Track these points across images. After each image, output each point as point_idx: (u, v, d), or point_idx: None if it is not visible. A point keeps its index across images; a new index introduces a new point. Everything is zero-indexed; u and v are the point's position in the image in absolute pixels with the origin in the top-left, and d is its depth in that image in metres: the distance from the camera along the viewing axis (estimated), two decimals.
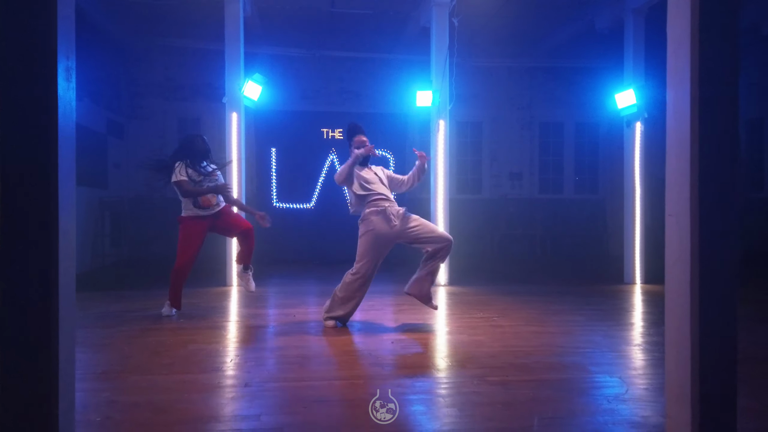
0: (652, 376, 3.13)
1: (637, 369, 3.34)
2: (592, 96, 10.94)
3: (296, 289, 6.47)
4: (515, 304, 5.47)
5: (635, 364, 3.45)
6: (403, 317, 4.80)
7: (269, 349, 3.69)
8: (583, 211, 11.03)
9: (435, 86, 6.55)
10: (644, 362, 3.47)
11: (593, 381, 3.10)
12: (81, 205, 8.13)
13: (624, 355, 3.67)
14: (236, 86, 6.45)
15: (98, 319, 4.68)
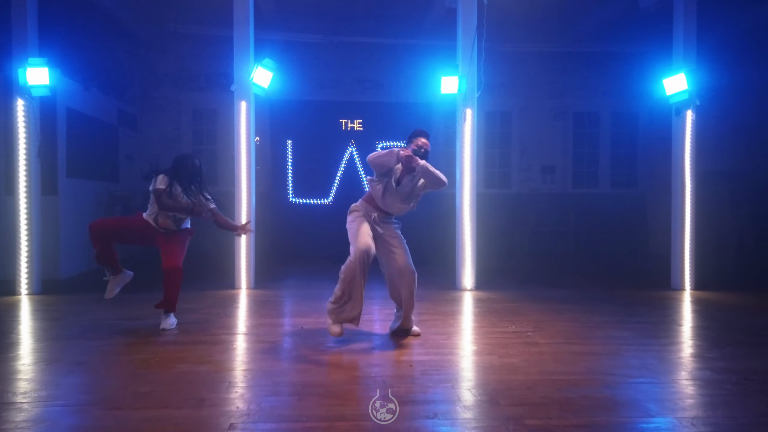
0: (729, 419, 2.53)
1: (708, 407, 2.73)
2: (631, 83, 10.18)
3: (310, 293, 5.96)
4: (551, 315, 4.87)
5: (704, 400, 2.83)
6: (423, 329, 4.25)
7: (266, 374, 3.19)
8: (620, 206, 10.29)
9: (461, 72, 5.94)
10: (715, 397, 2.85)
11: (656, 427, 2.51)
12: (90, 199, 7.78)
13: (688, 387, 3.05)
14: (245, 73, 5.95)
15: (86, 330, 4.25)
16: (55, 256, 6.81)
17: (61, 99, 6.93)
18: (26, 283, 5.74)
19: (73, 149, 7.22)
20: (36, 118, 5.77)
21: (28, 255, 5.76)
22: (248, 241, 6.06)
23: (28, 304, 5.30)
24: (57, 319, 4.64)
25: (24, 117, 5.68)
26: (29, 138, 5.72)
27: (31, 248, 5.77)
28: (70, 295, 5.77)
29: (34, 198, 5.79)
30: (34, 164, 5.79)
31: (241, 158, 6.07)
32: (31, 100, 5.68)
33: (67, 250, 7.02)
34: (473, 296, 5.81)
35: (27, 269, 5.75)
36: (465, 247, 6.11)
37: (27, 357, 3.51)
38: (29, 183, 5.74)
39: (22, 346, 3.79)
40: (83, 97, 7.57)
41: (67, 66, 7.05)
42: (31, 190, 5.76)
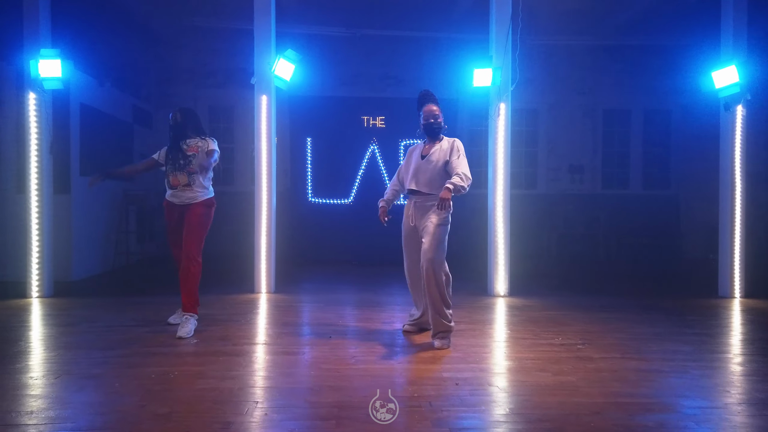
0: None
1: None
2: (664, 79, 9.76)
3: (333, 299, 5.64)
4: (596, 324, 4.49)
5: None
6: (461, 340, 3.90)
7: (298, 392, 2.86)
8: (652, 208, 9.86)
9: (495, 63, 5.58)
10: None
11: None
12: (104, 199, 7.53)
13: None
14: (266, 65, 5.64)
15: (100, 336, 3.95)
16: (66, 258, 6.56)
17: (75, 94, 6.68)
18: (37, 286, 5.47)
19: (87, 146, 6.97)
20: (48, 113, 5.51)
21: (39, 256, 5.49)
22: (269, 244, 5.75)
23: (38, 308, 5.03)
24: (68, 324, 4.35)
25: (36, 111, 5.41)
26: (41, 133, 5.45)
27: (43, 249, 5.51)
28: (82, 299, 5.49)
29: (45, 196, 5.52)
30: (46, 161, 5.53)
31: (261, 156, 5.75)
32: (43, 93, 5.41)
33: (79, 251, 6.76)
34: (507, 303, 5.44)
35: (38, 271, 5.48)
36: (498, 250, 5.75)
37: (35, 369, 3.21)
38: (41, 180, 5.47)
39: (31, 355, 3.50)
40: (97, 93, 7.32)
41: (81, 60, 6.80)
42: (42, 188, 5.49)
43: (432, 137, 3.99)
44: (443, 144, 3.95)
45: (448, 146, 3.91)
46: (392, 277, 7.12)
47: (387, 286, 6.49)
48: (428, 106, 3.96)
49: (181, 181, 4.15)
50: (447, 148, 3.90)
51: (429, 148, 3.98)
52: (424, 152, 3.96)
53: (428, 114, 3.95)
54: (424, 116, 3.96)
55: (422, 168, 3.88)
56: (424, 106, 3.99)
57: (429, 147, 3.98)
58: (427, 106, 3.97)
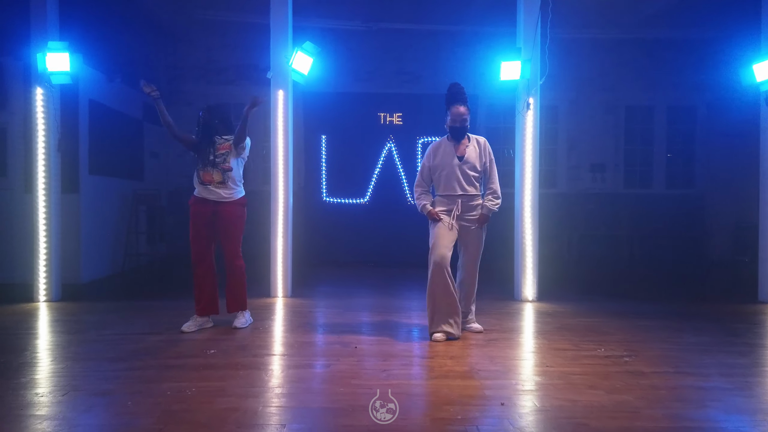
0: None
1: None
2: (689, 74, 9.41)
3: (352, 304, 5.38)
4: (637, 333, 4.20)
5: None
6: (495, 351, 3.62)
7: (328, 413, 2.60)
8: (676, 208, 9.52)
9: (524, 56, 5.29)
10: None
11: None
12: (114, 198, 7.31)
13: None
14: (283, 58, 5.38)
15: (111, 345, 3.71)
16: (75, 259, 6.34)
17: (84, 90, 6.46)
18: (44, 289, 5.25)
19: (96, 144, 6.74)
20: (56, 109, 5.27)
21: (46, 258, 5.26)
22: (285, 246, 5.49)
23: (46, 314, 4.80)
24: (76, 332, 4.12)
25: (43, 107, 5.18)
26: (48, 130, 5.22)
27: (50, 251, 5.28)
28: (92, 303, 5.26)
29: (53, 196, 5.29)
30: (54, 159, 5.29)
31: (278, 154, 5.50)
32: (50, 88, 5.18)
33: (89, 252, 6.53)
34: (537, 309, 5.16)
35: (45, 274, 5.25)
36: (526, 253, 5.46)
37: (41, 384, 2.97)
38: (48, 179, 5.25)
39: (37, 368, 3.26)
40: (107, 89, 7.09)
41: (90, 55, 6.56)
42: (50, 187, 5.26)
43: (458, 138, 4.00)
44: (473, 144, 4.00)
45: (480, 147, 3.99)
46: (411, 279, 6.86)
47: (406, 289, 6.23)
48: (456, 108, 3.92)
49: (215, 178, 4.12)
50: (480, 150, 3.99)
51: (461, 148, 3.97)
52: (459, 153, 3.97)
53: (456, 116, 3.93)
54: (452, 118, 3.94)
55: (463, 171, 3.94)
56: (452, 106, 3.94)
57: (460, 147, 3.99)
58: (456, 107, 3.93)
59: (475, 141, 4.02)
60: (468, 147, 3.97)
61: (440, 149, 3.99)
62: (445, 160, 3.95)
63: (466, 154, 3.95)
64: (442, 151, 3.98)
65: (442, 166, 3.96)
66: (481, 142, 4.03)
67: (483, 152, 3.98)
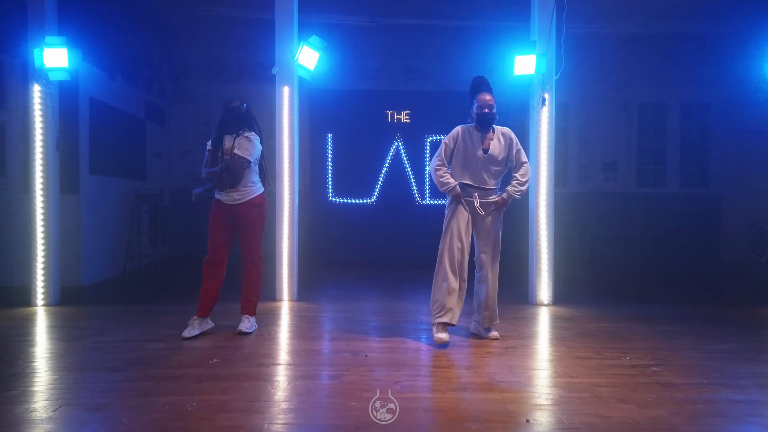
0: None
1: None
2: (704, 70, 9.18)
3: (360, 308, 5.18)
4: (662, 340, 3.99)
5: None
6: (512, 360, 3.42)
7: (342, 430, 2.40)
8: (690, 207, 9.28)
9: (539, 49, 5.08)
10: None
11: None
12: (115, 199, 7.14)
13: None
14: (288, 53, 5.19)
15: (108, 354, 3.52)
16: (76, 262, 6.17)
17: (84, 88, 6.29)
18: (42, 293, 5.07)
19: (97, 143, 6.57)
20: (55, 106, 5.10)
21: (44, 261, 5.09)
22: (291, 248, 5.30)
23: (43, 319, 4.62)
24: (73, 339, 3.94)
25: (41, 104, 5.01)
26: (46, 128, 5.05)
27: (49, 253, 5.10)
28: (91, 307, 5.08)
29: (51, 196, 5.11)
30: (52, 158, 5.12)
31: (284, 153, 5.31)
32: (48, 85, 5.01)
33: (89, 254, 6.36)
34: (552, 313, 4.95)
35: (44, 277, 5.08)
36: (541, 255, 5.26)
37: (33, 397, 2.78)
38: (46, 179, 5.07)
39: (30, 379, 3.07)
40: (108, 87, 6.92)
41: (90, 52, 6.40)
42: (48, 187, 5.08)
43: (484, 128, 3.81)
44: (497, 136, 3.83)
45: (505, 140, 3.84)
46: (418, 282, 6.66)
47: (415, 291, 6.03)
48: (483, 95, 3.81)
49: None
50: (506, 142, 3.84)
51: (486, 140, 3.81)
52: (484, 146, 3.82)
53: (483, 103, 3.78)
54: (479, 105, 3.79)
55: (485, 165, 3.82)
56: (478, 94, 3.84)
57: (485, 139, 3.81)
58: (482, 94, 3.81)
59: (500, 133, 3.88)
60: (493, 140, 3.83)
61: (467, 135, 3.85)
62: (468, 149, 3.81)
63: (490, 147, 3.81)
64: (468, 138, 3.83)
65: (465, 154, 3.82)
66: (506, 134, 3.88)
67: (507, 145, 3.85)
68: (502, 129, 3.90)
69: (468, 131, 3.86)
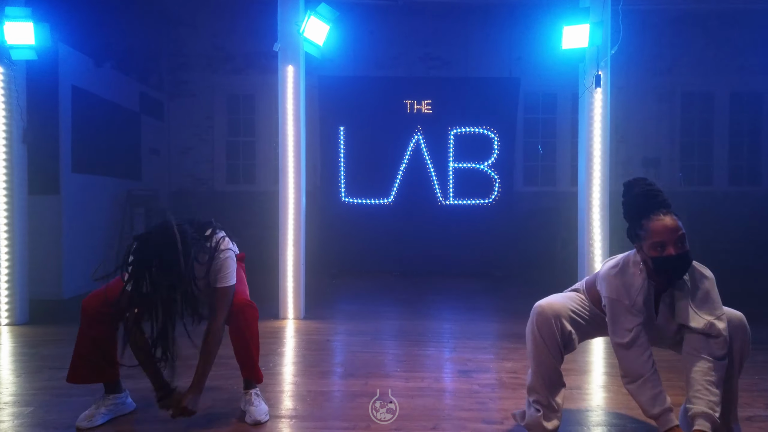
0: None
1: None
2: (755, 55, 8.29)
3: (377, 328, 4.38)
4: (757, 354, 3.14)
5: None
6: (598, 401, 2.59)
7: None
8: (740, 208, 8.40)
9: (593, 18, 4.24)
10: None
11: None
12: (104, 199, 6.41)
13: None
14: (293, 26, 4.39)
15: (59, 401, 2.74)
16: (56, 272, 5.45)
17: (65, 74, 5.56)
18: (6, 310, 4.32)
19: (82, 138, 5.84)
20: (21, 90, 4.35)
21: (9, 272, 4.33)
22: (297, 258, 4.51)
23: (6, 340, 3.87)
24: (28, 372, 3.17)
25: (3, 88, 4.26)
26: (10, 117, 4.30)
27: (14, 263, 4.35)
28: (64, 327, 4.30)
29: (17, 196, 4.35)
30: (18, 152, 4.37)
31: (287, 145, 4.51)
32: (11, 66, 4.25)
33: (72, 263, 5.62)
34: None
35: (8, 291, 4.32)
36: (594, 263, 4.41)
37: None
38: (10, 177, 4.32)
39: None
40: (95, 75, 6.18)
41: (73, 34, 5.68)
42: (13, 186, 4.33)
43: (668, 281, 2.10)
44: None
45: None
46: (443, 293, 5.86)
47: (439, 303, 5.24)
48: (659, 220, 2.04)
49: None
50: None
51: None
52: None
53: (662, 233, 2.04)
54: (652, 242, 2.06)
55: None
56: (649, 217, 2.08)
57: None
58: (657, 218, 2.05)
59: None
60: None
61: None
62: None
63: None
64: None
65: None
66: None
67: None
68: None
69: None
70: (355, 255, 7.12)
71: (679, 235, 2.01)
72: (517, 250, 7.32)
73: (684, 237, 2.03)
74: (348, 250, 7.11)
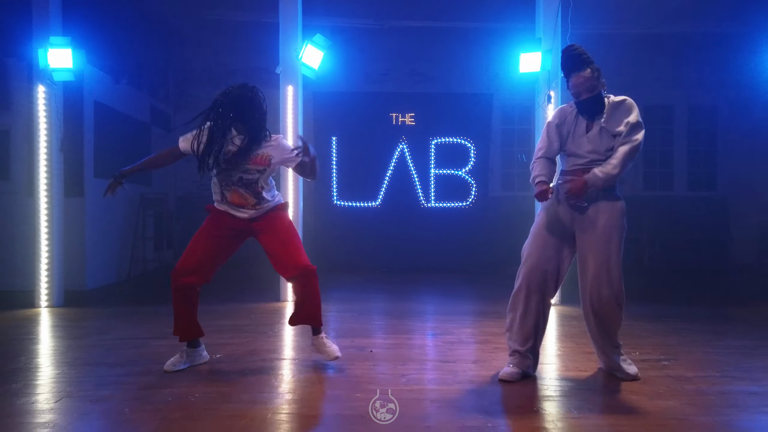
0: None
1: None
2: (711, 72, 9.12)
3: (364, 307, 5.13)
4: (673, 337, 3.92)
5: None
6: None
7: (339, 420, 2.36)
8: (698, 211, 9.18)
9: (545, 46, 5.06)
10: None
11: None
12: (120, 203, 7.12)
13: None
14: (292, 52, 5.18)
15: (111, 350, 3.48)
16: (80, 266, 6.14)
17: (89, 91, 6.30)
18: (46, 295, 5.04)
19: (102, 147, 6.58)
20: (59, 107, 5.11)
21: (48, 263, 5.07)
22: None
23: (47, 319, 4.60)
24: (76, 337, 3.90)
25: (45, 105, 5.02)
26: (50, 129, 5.05)
27: (53, 256, 5.08)
28: (95, 308, 5.05)
29: (55, 199, 5.10)
30: (57, 160, 5.12)
31: None
32: (53, 86, 5.02)
33: (94, 258, 6.34)
34: (560, 312, 4.89)
35: (47, 279, 5.06)
36: None
37: (35, 389, 2.75)
38: (50, 181, 5.06)
39: (31, 373, 3.04)
40: (113, 91, 6.94)
41: (95, 55, 6.42)
42: (52, 189, 5.08)
43: (590, 116, 3.00)
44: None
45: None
46: (424, 284, 6.62)
47: (422, 293, 5.97)
48: (576, 76, 2.91)
49: (248, 201, 3.08)
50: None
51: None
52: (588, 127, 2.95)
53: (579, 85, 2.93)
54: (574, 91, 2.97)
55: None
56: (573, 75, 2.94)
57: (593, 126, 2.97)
58: (575, 76, 2.91)
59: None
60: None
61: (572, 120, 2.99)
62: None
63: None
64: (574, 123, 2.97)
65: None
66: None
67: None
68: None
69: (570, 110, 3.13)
70: (345, 252, 7.88)
71: (587, 86, 2.83)
72: (494, 248, 8.08)
73: (593, 86, 2.85)
74: (339, 248, 7.87)
